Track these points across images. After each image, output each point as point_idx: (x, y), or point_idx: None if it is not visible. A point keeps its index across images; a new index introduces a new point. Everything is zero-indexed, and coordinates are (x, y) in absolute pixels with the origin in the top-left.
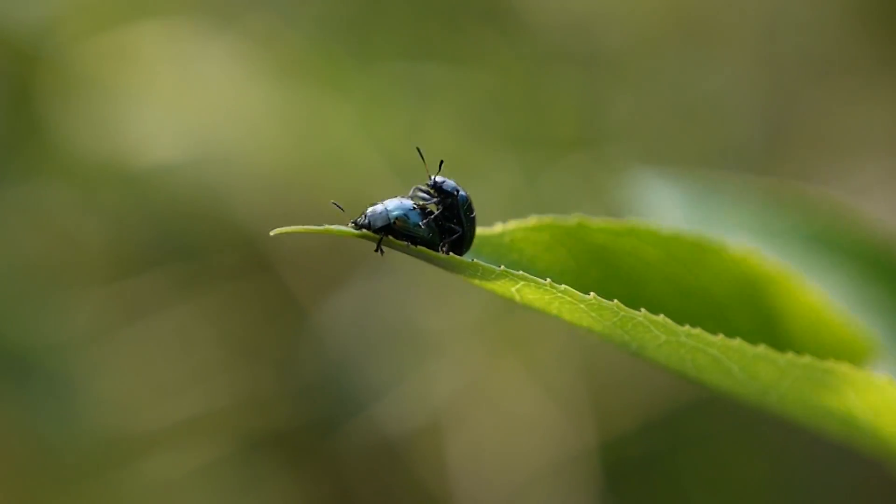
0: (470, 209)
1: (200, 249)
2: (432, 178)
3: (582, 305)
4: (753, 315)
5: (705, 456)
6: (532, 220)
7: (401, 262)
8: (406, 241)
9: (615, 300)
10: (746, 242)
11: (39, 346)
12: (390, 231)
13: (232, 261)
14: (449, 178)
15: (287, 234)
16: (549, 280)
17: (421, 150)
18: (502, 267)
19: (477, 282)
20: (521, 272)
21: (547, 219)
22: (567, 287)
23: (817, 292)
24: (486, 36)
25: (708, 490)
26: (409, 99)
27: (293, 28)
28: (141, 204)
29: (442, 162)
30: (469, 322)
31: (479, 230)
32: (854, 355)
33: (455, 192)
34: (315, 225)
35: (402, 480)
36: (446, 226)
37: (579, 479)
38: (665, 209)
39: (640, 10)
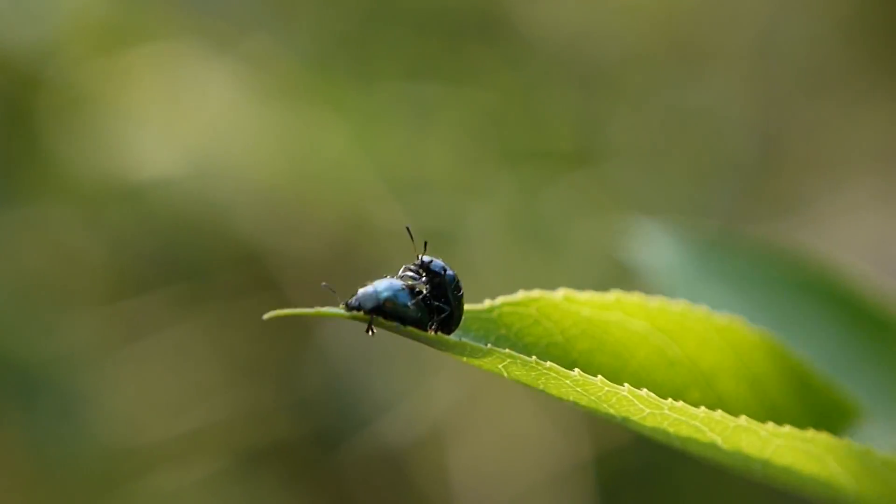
0: (458, 287)
1: (203, 266)
2: (420, 257)
3: (567, 381)
4: (738, 382)
5: (701, 468)
6: (520, 295)
7: None
8: (396, 321)
9: (599, 376)
10: (740, 290)
11: (43, 363)
12: (381, 312)
13: (235, 277)
14: (436, 258)
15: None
16: (534, 357)
17: (409, 229)
18: (489, 345)
19: (465, 359)
20: (507, 350)
21: (534, 293)
22: (552, 364)
23: (800, 357)
24: (483, 54)
25: (704, 502)
26: (407, 117)
27: (291, 48)
28: (143, 222)
29: (426, 243)
30: None
31: (468, 306)
32: (838, 419)
33: (443, 272)
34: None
35: (404, 494)
36: (434, 305)
37: (576, 492)
38: (663, 260)
39: (634, 27)
